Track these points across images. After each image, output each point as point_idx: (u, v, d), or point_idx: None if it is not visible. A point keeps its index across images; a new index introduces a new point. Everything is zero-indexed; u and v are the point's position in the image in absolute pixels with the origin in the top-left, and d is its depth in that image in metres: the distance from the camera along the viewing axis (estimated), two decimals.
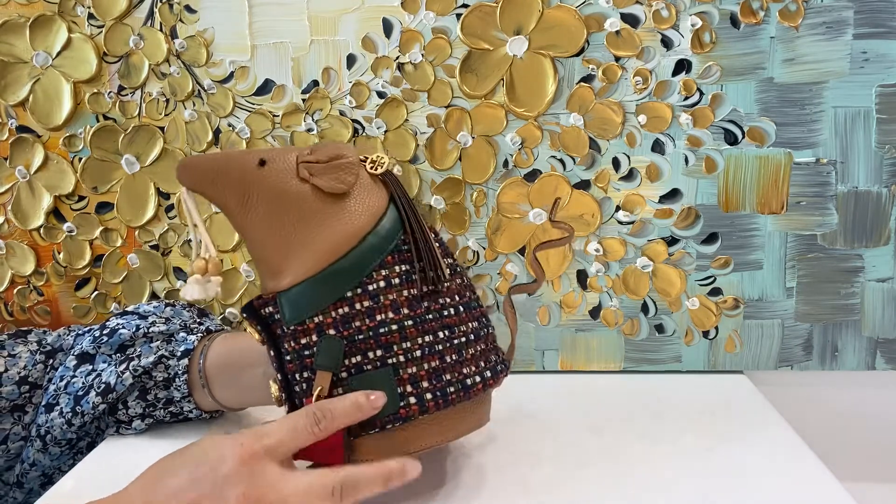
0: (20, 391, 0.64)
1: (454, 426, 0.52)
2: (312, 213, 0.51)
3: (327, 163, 0.52)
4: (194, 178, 0.52)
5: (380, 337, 0.50)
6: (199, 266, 0.53)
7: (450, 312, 0.53)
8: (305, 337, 0.50)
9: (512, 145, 0.76)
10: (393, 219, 0.53)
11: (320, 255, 0.51)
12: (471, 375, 0.52)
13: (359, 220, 0.52)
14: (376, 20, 0.74)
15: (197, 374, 0.61)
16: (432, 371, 0.50)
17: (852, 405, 0.82)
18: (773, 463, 0.60)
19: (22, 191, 0.78)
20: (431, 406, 0.50)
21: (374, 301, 0.50)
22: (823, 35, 0.73)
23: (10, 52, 0.75)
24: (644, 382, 0.78)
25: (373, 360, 0.50)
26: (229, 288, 0.80)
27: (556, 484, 0.57)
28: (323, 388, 0.49)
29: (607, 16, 0.73)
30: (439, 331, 0.51)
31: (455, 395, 0.51)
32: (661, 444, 0.63)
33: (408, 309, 0.51)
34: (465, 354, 0.52)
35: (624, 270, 0.78)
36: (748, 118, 0.74)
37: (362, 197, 0.53)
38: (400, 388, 0.49)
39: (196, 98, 0.76)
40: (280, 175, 0.52)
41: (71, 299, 0.81)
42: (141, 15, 0.75)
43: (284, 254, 0.51)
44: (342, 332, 0.50)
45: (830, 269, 0.77)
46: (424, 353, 0.50)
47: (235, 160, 0.52)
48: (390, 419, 0.49)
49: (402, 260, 0.52)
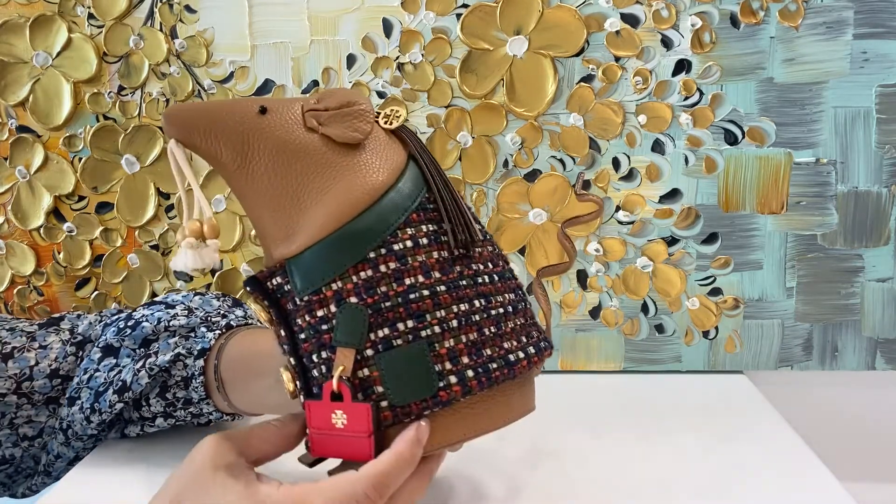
0: (52, 384, 0.63)
1: (502, 412, 0.46)
2: (324, 166, 0.45)
3: (337, 110, 0.45)
4: (183, 127, 0.45)
5: (410, 304, 0.43)
6: (194, 228, 0.45)
7: (484, 280, 0.46)
8: (322, 308, 0.43)
9: (512, 145, 0.76)
10: (414, 176, 0.46)
11: (335, 213, 0.44)
12: (513, 351, 0.45)
13: (376, 174, 0.45)
14: (376, 20, 0.74)
15: (213, 376, 0.58)
16: (471, 344, 0.44)
17: (852, 405, 0.82)
18: (773, 463, 0.60)
19: (22, 191, 0.78)
20: (475, 385, 0.43)
21: (402, 262, 0.43)
22: (823, 35, 0.73)
23: (10, 52, 0.75)
24: (644, 382, 0.78)
25: (403, 333, 0.43)
26: (229, 288, 0.80)
27: (556, 484, 0.57)
28: (346, 368, 0.42)
29: (607, 16, 0.73)
30: (475, 299, 0.45)
31: (499, 372, 0.44)
32: (661, 444, 0.63)
33: (439, 272, 0.44)
34: (504, 327, 0.46)
35: (624, 270, 0.78)
36: (748, 118, 0.74)
37: (378, 150, 0.46)
38: (437, 366, 0.42)
39: (196, 98, 0.76)
40: (284, 124, 0.45)
41: (71, 299, 0.81)
42: (141, 15, 0.75)
43: (292, 214, 0.45)
44: (366, 299, 0.43)
45: (830, 269, 0.77)
46: (461, 323, 0.44)
47: (231, 107, 0.45)
48: (428, 403, 0.42)
49: (429, 219, 0.45)
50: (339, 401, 0.43)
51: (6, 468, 0.64)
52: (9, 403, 0.62)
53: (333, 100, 0.46)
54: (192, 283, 0.80)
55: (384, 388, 0.42)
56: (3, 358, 0.62)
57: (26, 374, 0.62)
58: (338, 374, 0.42)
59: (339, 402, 0.43)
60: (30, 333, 0.64)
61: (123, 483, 0.58)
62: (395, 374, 0.42)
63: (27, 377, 0.62)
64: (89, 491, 0.57)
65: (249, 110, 0.45)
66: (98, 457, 0.62)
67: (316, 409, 0.44)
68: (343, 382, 0.42)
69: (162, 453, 0.62)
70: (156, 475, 0.59)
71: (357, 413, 0.42)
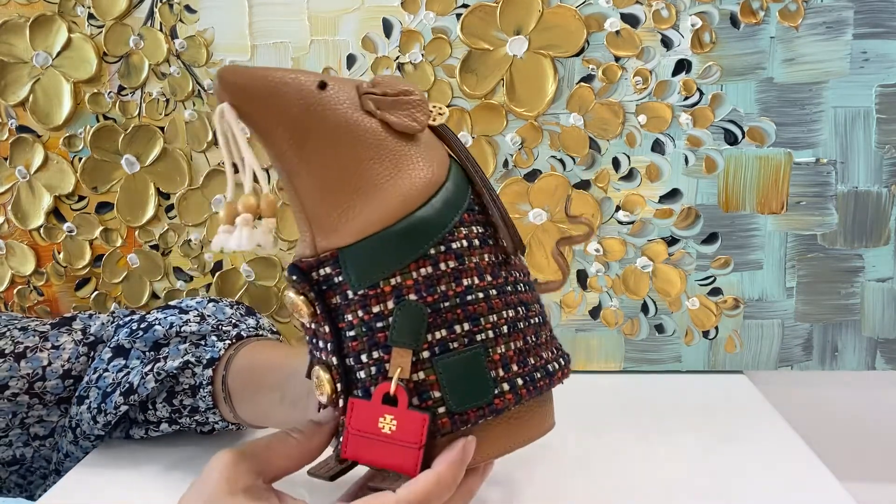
0: (64, 385, 0.63)
1: (539, 422, 0.44)
2: (383, 153, 0.42)
3: (395, 97, 0.43)
4: (241, 91, 0.40)
5: (468, 306, 0.41)
6: (249, 204, 0.39)
7: (521, 287, 0.45)
8: (379, 304, 0.40)
9: (512, 145, 0.76)
10: (459, 175, 0.45)
11: (395, 204, 0.41)
12: (550, 361, 0.44)
13: (432, 167, 0.43)
14: (376, 20, 0.74)
15: (220, 386, 0.57)
16: (518, 352, 0.43)
17: (852, 405, 0.82)
18: (773, 463, 0.60)
19: (22, 191, 0.78)
20: (524, 394, 0.42)
21: (460, 262, 0.42)
22: (823, 35, 0.73)
23: (10, 52, 0.75)
24: (644, 382, 0.78)
25: (460, 336, 0.41)
26: (229, 288, 0.80)
27: (556, 484, 0.56)
28: (404, 370, 0.40)
29: (607, 16, 0.73)
30: (518, 306, 0.44)
31: (542, 381, 0.43)
32: (661, 444, 0.63)
33: (490, 276, 0.43)
34: (540, 337, 0.45)
35: (624, 270, 0.78)
36: (748, 118, 0.74)
37: (430, 144, 0.44)
38: (493, 372, 0.41)
39: (196, 98, 0.76)
40: (343, 103, 0.41)
41: (71, 299, 0.81)
42: (141, 15, 0.75)
43: (346, 199, 0.41)
44: (425, 297, 0.41)
45: (830, 269, 0.77)
46: (511, 329, 0.42)
47: (292, 77, 0.41)
48: (485, 411, 0.41)
49: (476, 220, 0.44)
50: (392, 405, 0.40)
51: (17, 468, 0.64)
52: (21, 403, 0.62)
53: (390, 86, 0.43)
54: (192, 283, 0.80)
55: (442, 393, 0.41)
56: (15, 358, 0.62)
57: (39, 374, 0.62)
58: (397, 375, 0.40)
59: (392, 407, 0.40)
60: (42, 333, 0.64)
61: (124, 483, 0.58)
62: (453, 379, 0.41)
63: (40, 377, 0.62)
64: (89, 491, 0.57)
65: (310, 83, 0.41)
66: (98, 457, 0.62)
67: (362, 409, 0.41)
68: (400, 385, 0.40)
69: (163, 454, 0.62)
70: (157, 476, 0.59)
71: (411, 421, 0.40)
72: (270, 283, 0.79)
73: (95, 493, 0.57)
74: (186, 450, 0.62)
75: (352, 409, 0.41)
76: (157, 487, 0.57)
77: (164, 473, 0.59)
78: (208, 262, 0.79)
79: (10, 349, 0.62)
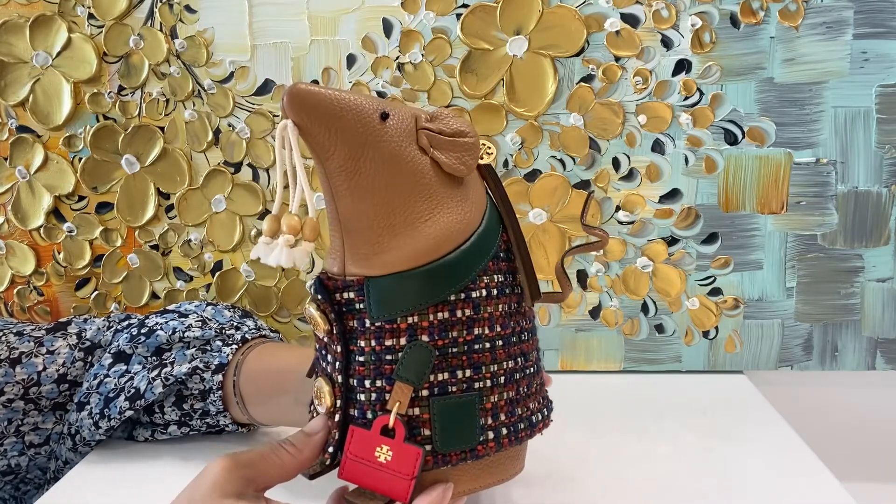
0: (59, 389, 0.63)
1: (510, 466, 0.46)
2: (427, 192, 0.43)
3: (451, 137, 0.43)
4: (308, 112, 0.41)
5: (473, 354, 0.43)
6: (293, 225, 0.40)
7: (525, 337, 0.46)
8: (392, 338, 0.42)
9: (512, 145, 0.76)
10: (493, 217, 0.46)
11: (429, 245, 0.42)
12: (535, 412, 0.46)
13: (471, 212, 0.44)
14: (376, 20, 0.74)
15: (231, 391, 0.59)
16: (509, 402, 0.44)
17: (852, 405, 0.82)
18: (773, 463, 0.60)
19: (22, 191, 0.78)
20: (506, 443, 0.44)
21: (476, 311, 0.43)
22: (823, 35, 0.73)
23: (10, 52, 0.75)
24: (644, 382, 0.78)
25: (460, 382, 0.43)
26: (229, 287, 0.80)
27: (556, 484, 0.56)
28: (402, 405, 0.42)
29: (607, 16, 0.73)
30: (518, 357, 0.45)
31: (524, 433, 0.45)
32: (661, 444, 0.63)
33: (500, 327, 0.44)
34: (532, 387, 0.46)
35: (624, 270, 0.78)
36: (748, 118, 0.74)
37: (473, 187, 0.45)
38: (482, 420, 0.43)
39: (196, 98, 0.76)
40: (401, 136, 0.42)
41: (71, 299, 0.81)
42: (141, 15, 0.75)
43: (384, 231, 0.42)
44: (437, 340, 0.42)
45: (830, 269, 0.77)
46: (506, 380, 0.44)
47: (357, 104, 0.41)
48: (466, 455, 0.43)
49: (499, 269, 0.45)
50: (390, 437, 0.42)
51: (11, 478, 0.64)
52: (16, 409, 0.62)
53: (447, 124, 0.44)
54: (192, 283, 0.80)
55: (432, 432, 0.43)
56: (11, 363, 0.62)
57: (34, 380, 0.62)
58: (395, 409, 0.42)
59: (389, 439, 0.42)
60: (37, 338, 0.64)
61: (123, 484, 0.58)
62: (444, 421, 0.43)
63: (35, 382, 0.62)
64: (89, 491, 0.57)
65: (373, 112, 0.42)
66: (98, 457, 0.62)
67: (361, 438, 0.43)
68: (398, 419, 0.42)
69: (163, 454, 0.62)
70: (156, 476, 0.59)
71: (406, 454, 0.42)
72: (270, 283, 0.79)
73: (95, 494, 0.57)
74: (185, 451, 0.62)
75: (351, 436, 0.43)
76: (155, 488, 0.57)
77: (163, 474, 0.59)
78: (208, 262, 0.79)
79: (6, 354, 0.62)
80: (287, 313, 0.80)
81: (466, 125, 0.44)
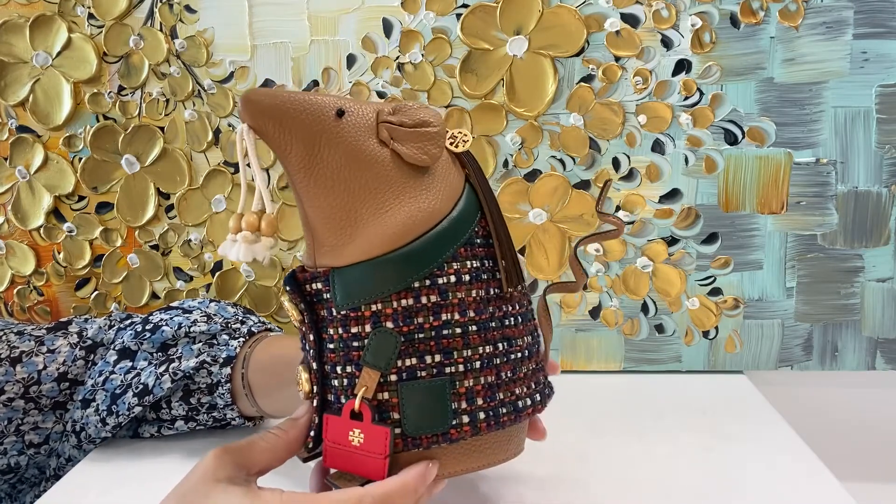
0: (60, 388, 0.63)
1: (500, 451, 0.47)
2: (388, 183, 0.44)
3: (412, 129, 0.44)
4: (260, 114, 0.42)
5: (441, 339, 0.44)
6: (251, 221, 0.43)
7: (510, 322, 0.47)
8: (357, 326, 0.44)
9: (512, 145, 0.76)
10: (468, 205, 0.46)
11: (390, 234, 0.43)
12: (522, 397, 0.46)
13: (436, 200, 0.45)
14: (376, 20, 0.74)
15: (240, 383, 0.59)
16: (488, 387, 0.44)
17: (852, 405, 0.82)
18: (773, 463, 0.60)
19: (22, 191, 0.78)
20: (484, 428, 0.44)
21: (443, 297, 0.44)
22: (823, 35, 0.73)
23: (10, 52, 0.75)
24: (644, 382, 0.78)
25: (429, 367, 0.43)
26: (228, 287, 0.80)
27: (556, 484, 0.57)
28: (368, 389, 0.43)
29: (607, 16, 0.73)
30: (499, 342, 0.46)
31: (507, 417, 0.45)
32: (661, 444, 0.63)
33: (474, 312, 0.45)
34: (518, 372, 0.46)
35: (624, 270, 0.78)
36: (748, 118, 0.74)
37: (442, 175, 0.46)
38: (454, 404, 0.44)
39: (196, 98, 0.76)
40: (358, 131, 0.44)
41: (71, 299, 0.81)
42: (141, 15, 0.75)
43: (346, 224, 0.44)
44: (401, 326, 0.43)
45: (830, 269, 0.77)
46: (483, 365, 0.44)
47: (310, 103, 0.43)
48: (438, 439, 0.44)
49: (474, 255, 0.45)
50: (359, 420, 0.43)
51: (10, 477, 0.64)
52: (16, 408, 0.62)
53: (409, 115, 0.45)
54: (192, 283, 0.80)
55: (400, 415, 0.43)
56: (11, 362, 0.62)
57: (34, 378, 0.62)
58: (361, 394, 0.43)
59: (359, 422, 0.43)
60: (38, 337, 0.64)
61: (126, 481, 0.58)
62: (413, 405, 0.43)
63: (35, 381, 0.62)
64: (92, 489, 0.57)
65: (328, 111, 0.43)
66: (101, 454, 0.62)
67: (334, 425, 0.44)
68: (364, 403, 0.43)
69: (166, 452, 0.62)
70: (156, 475, 0.59)
71: (375, 435, 0.43)
72: (270, 283, 0.79)
73: (95, 494, 0.57)
74: (186, 449, 0.62)
75: (326, 423, 0.45)
76: (155, 487, 0.57)
77: (163, 473, 0.59)
78: (208, 262, 0.79)
79: (6, 353, 0.62)
80: (287, 314, 0.80)
81: (431, 115, 0.45)
